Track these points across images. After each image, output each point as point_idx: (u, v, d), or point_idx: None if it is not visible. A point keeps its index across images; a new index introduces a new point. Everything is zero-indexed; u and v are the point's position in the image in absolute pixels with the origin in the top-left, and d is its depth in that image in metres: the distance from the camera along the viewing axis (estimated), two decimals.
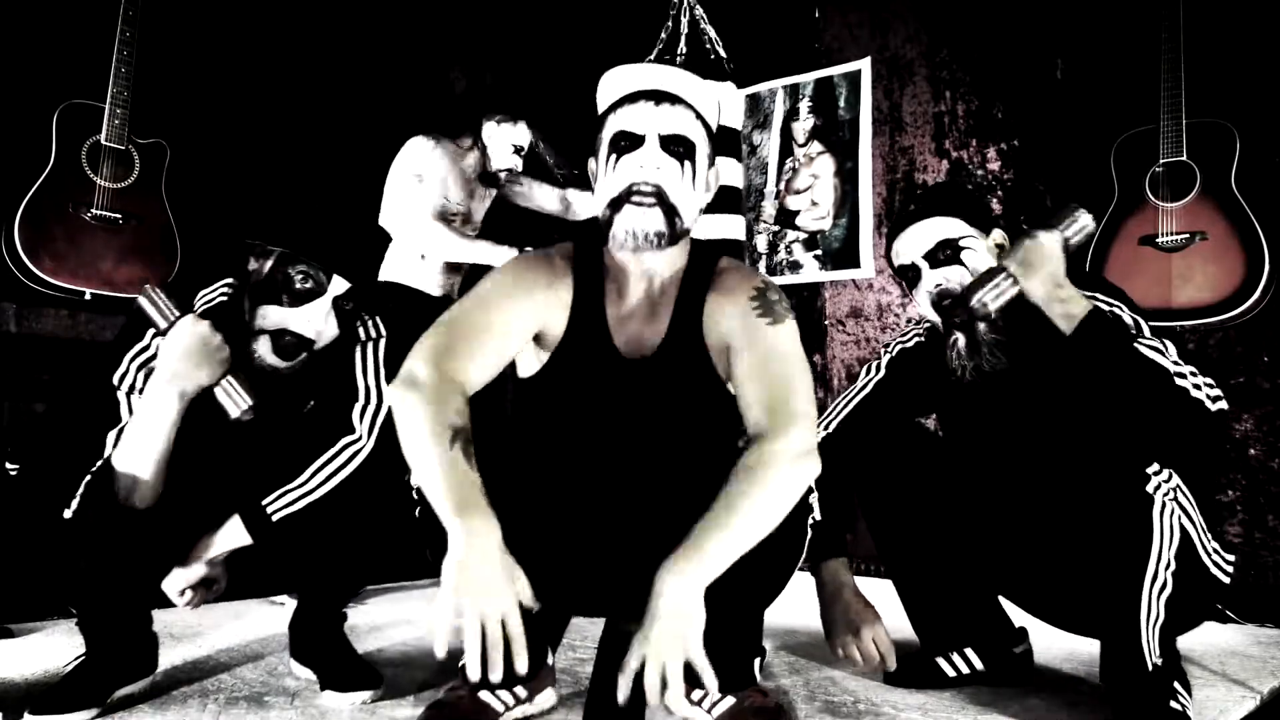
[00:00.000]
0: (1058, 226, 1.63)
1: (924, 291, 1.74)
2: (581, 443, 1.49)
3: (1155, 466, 1.58)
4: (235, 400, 1.57)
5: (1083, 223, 1.64)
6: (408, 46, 3.60)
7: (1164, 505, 1.51)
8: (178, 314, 1.57)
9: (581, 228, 1.56)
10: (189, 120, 2.89)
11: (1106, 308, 1.64)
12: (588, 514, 1.49)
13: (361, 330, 1.76)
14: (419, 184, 2.76)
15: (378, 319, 1.79)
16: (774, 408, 1.36)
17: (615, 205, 1.44)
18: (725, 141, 3.03)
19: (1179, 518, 1.53)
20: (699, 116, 1.49)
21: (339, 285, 1.66)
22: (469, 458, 1.28)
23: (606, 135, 1.49)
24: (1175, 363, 1.55)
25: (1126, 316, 1.64)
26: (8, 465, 1.64)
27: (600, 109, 1.54)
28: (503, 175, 2.97)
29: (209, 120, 2.99)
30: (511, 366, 1.52)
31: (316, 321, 1.64)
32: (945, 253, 1.71)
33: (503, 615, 1.16)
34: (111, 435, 1.56)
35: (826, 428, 1.86)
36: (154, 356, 1.61)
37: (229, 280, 1.74)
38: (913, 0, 3.32)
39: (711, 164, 1.53)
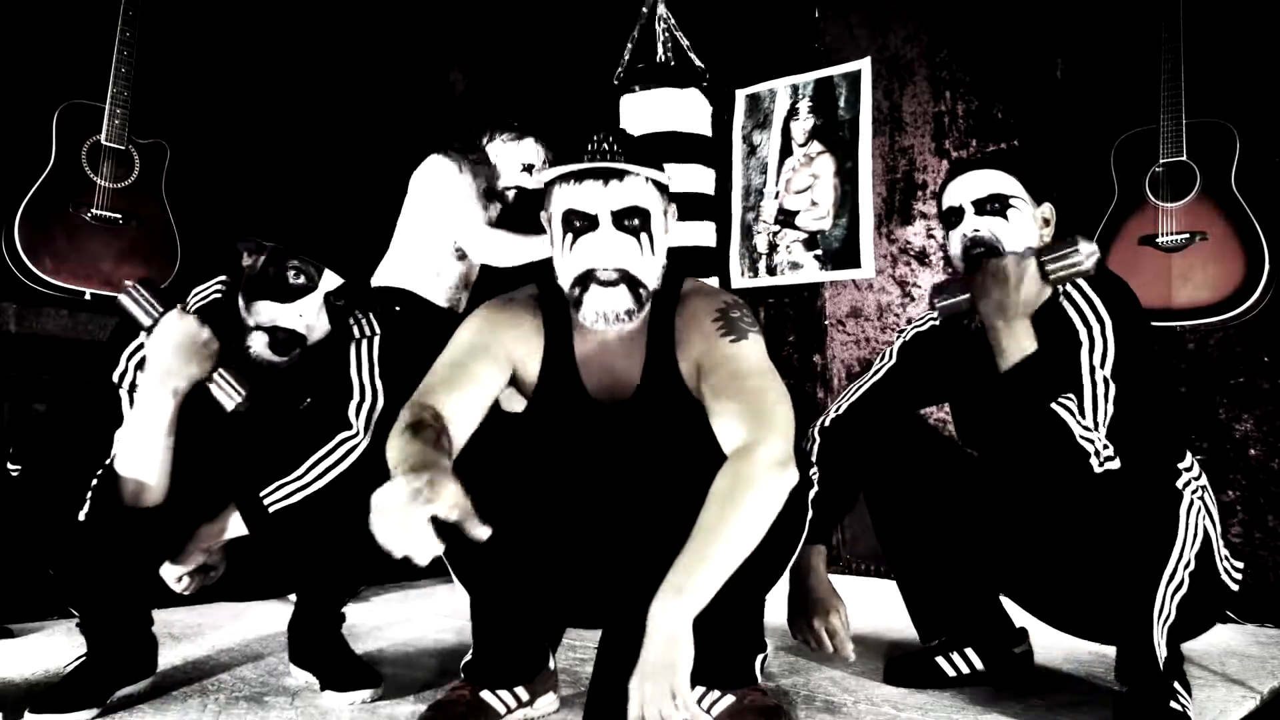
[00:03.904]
0: (1044, 255, 1.59)
1: (959, 234, 1.72)
2: (567, 481, 1.50)
3: (1187, 461, 1.57)
4: (229, 393, 1.57)
5: (1073, 260, 1.57)
6: (408, 46, 3.60)
7: (1191, 503, 1.50)
8: (162, 310, 1.57)
9: (543, 267, 1.57)
10: (189, 120, 2.89)
11: (1083, 312, 1.58)
12: (579, 540, 1.50)
13: (356, 328, 1.76)
14: (466, 205, 2.72)
15: (371, 316, 1.80)
16: (748, 420, 1.36)
17: (581, 285, 1.45)
18: (693, 147, 3.04)
19: (1204, 517, 1.52)
20: (649, 179, 1.47)
21: (331, 280, 1.66)
22: (427, 441, 1.28)
23: (557, 209, 1.47)
24: (1085, 427, 1.50)
25: (1098, 339, 1.56)
26: (9, 466, 1.64)
27: (543, 181, 1.52)
28: (511, 193, 2.88)
29: (209, 120, 2.99)
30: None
31: (309, 316, 1.64)
32: (994, 205, 1.70)
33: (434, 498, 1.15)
34: (119, 436, 1.56)
35: (837, 411, 1.85)
36: None
37: (223, 277, 1.75)
38: (913, 0, 3.32)
39: (666, 214, 1.53)
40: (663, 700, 1.17)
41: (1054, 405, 1.50)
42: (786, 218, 3.55)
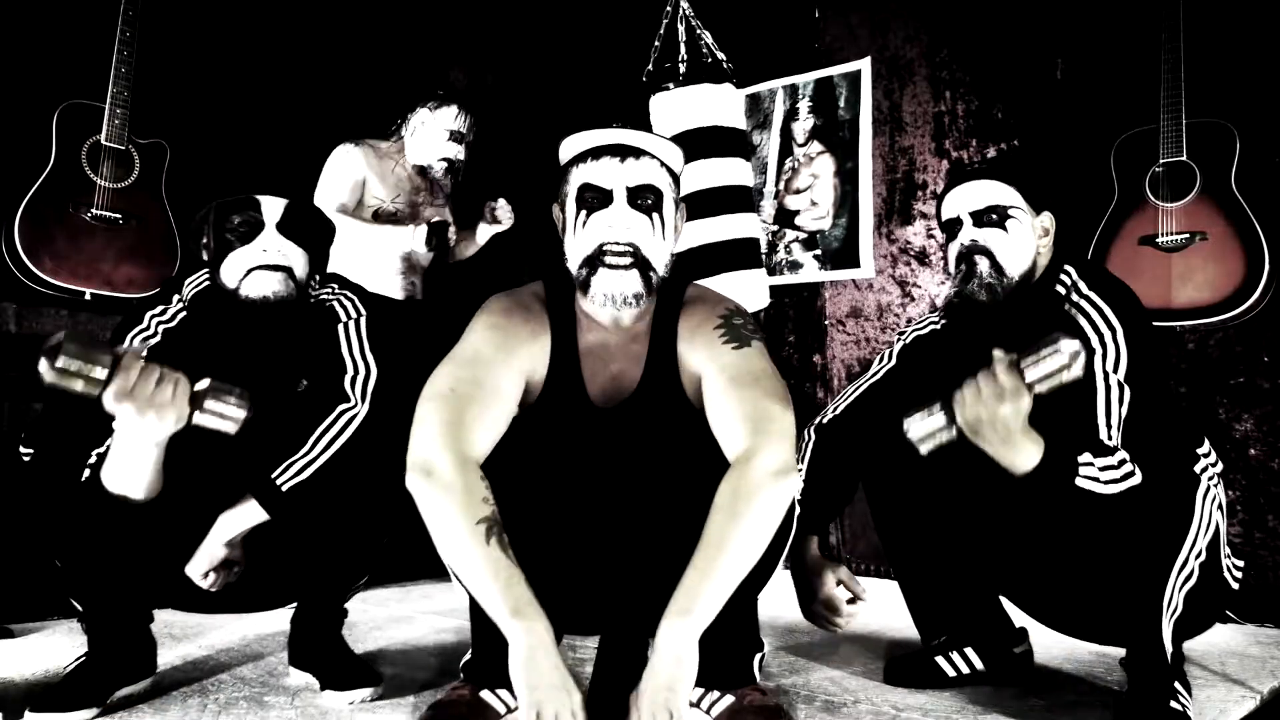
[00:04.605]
0: (1025, 362, 1.30)
1: (957, 244, 1.73)
2: (564, 484, 1.51)
3: (1205, 447, 1.57)
4: (227, 414, 1.41)
5: (1054, 364, 1.27)
6: (408, 46, 3.60)
7: (1208, 490, 1.49)
8: (108, 359, 1.35)
9: (550, 264, 1.61)
10: (189, 120, 2.89)
11: (1094, 320, 1.56)
12: (576, 545, 1.51)
13: (341, 311, 1.80)
14: (329, 185, 2.79)
15: (356, 299, 1.83)
16: (748, 427, 1.37)
17: (590, 265, 1.47)
18: (733, 141, 3.02)
19: (1216, 506, 1.52)
20: (663, 165, 1.53)
21: (274, 206, 1.74)
22: (506, 549, 1.31)
23: (572, 188, 1.52)
24: (1103, 454, 1.41)
25: (1110, 345, 1.52)
26: (21, 450, 1.64)
27: (562, 160, 1.57)
28: (439, 166, 2.89)
29: (209, 120, 2.99)
30: None
31: (275, 246, 1.71)
32: (992, 216, 1.70)
33: (571, 711, 1.22)
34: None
35: (835, 411, 1.86)
36: (155, 334, 1.69)
37: (206, 270, 1.81)
38: (913, 0, 3.32)
39: (677, 208, 1.58)
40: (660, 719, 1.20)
41: (1079, 480, 1.38)
42: (786, 217, 3.55)
